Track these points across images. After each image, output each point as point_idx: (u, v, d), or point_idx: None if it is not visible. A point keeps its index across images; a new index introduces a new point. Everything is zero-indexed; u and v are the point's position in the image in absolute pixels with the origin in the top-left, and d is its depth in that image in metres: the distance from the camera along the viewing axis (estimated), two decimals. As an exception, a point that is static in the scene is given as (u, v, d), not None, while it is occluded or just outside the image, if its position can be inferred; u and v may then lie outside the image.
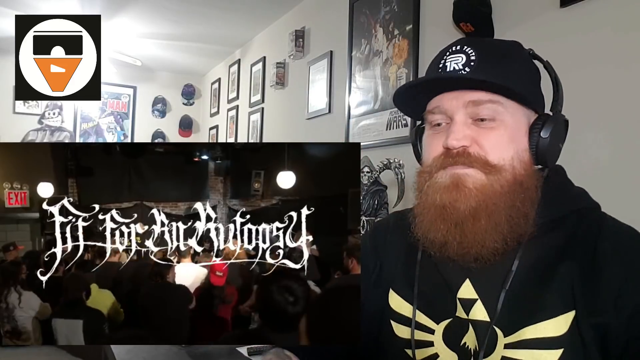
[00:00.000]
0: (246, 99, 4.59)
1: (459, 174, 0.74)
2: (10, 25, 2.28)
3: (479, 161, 0.74)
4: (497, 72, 0.74)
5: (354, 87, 2.86)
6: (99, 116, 5.67)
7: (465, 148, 0.74)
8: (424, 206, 0.78)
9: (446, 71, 0.77)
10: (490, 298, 0.75)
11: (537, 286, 0.72)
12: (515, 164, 0.74)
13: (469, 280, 0.77)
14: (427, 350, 0.80)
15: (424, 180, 0.80)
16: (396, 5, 2.52)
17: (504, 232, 0.73)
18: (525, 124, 0.77)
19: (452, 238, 0.74)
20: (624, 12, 1.47)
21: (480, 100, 0.74)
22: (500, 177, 0.73)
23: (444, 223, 0.75)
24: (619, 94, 1.48)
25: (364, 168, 2.01)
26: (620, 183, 1.45)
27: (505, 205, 0.73)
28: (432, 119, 0.80)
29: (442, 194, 0.75)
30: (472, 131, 0.75)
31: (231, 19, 4.05)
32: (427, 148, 0.82)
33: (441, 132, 0.78)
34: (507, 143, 0.75)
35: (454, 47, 0.78)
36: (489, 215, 0.73)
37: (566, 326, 0.69)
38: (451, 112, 0.76)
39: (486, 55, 0.76)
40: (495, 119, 0.74)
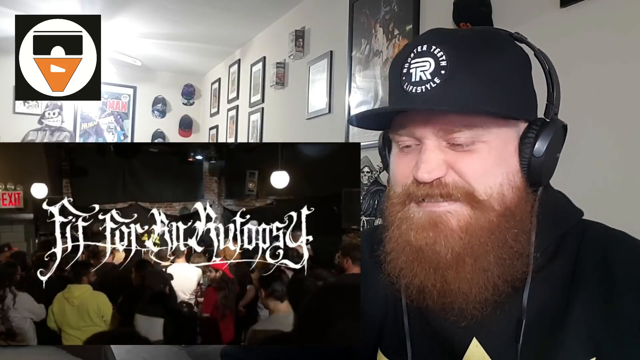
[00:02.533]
0: (246, 99, 4.59)
1: (438, 212, 0.61)
2: (10, 25, 2.28)
3: (459, 191, 0.60)
4: (476, 84, 0.59)
5: (354, 87, 2.86)
6: (99, 116, 5.67)
7: (440, 179, 0.60)
8: (397, 242, 0.64)
9: (411, 81, 0.61)
10: (504, 357, 0.62)
11: (550, 335, 0.60)
12: (505, 192, 0.60)
13: (476, 340, 0.63)
14: None
15: (395, 211, 0.65)
16: (396, 5, 2.52)
17: (493, 278, 0.60)
18: (514, 138, 0.62)
19: (431, 285, 0.61)
20: (623, 11, 1.47)
21: (453, 129, 0.60)
22: (488, 211, 0.60)
23: (421, 266, 0.62)
24: (619, 94, 1.48)
25: (364, 168, 2.01)
26: (621, 181, 1.45)
27: (494, 244, 0.60)
28: (399, 139, 0.65)
29: (417, 232, 0.62)
30: (448, 156, 0.61)
31: (231, 19, 4.05)
32: (395, 170, 0.67)
33: (410, 154, 0.64)
34: (493, 167, 0.60)
35: (420, 47, 0.61)
36: (475, 260, 0.60)
37: None
38: (420, 136, 0.62)
39: (460, 57, 0.59)
40: (474, 142, 0.60)
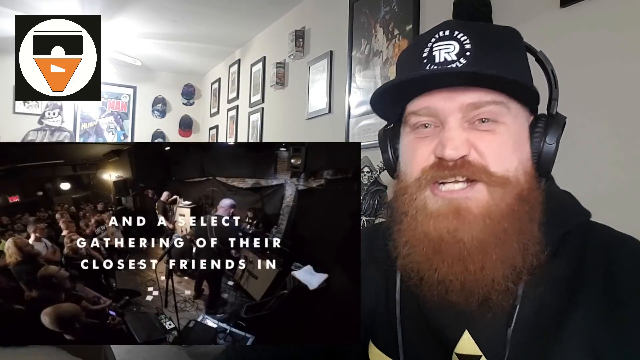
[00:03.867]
0: (246, 99, 4.59)
1: (458, 199, 0.59)
2: (10, 25, 2.28)
3: (481, 172, 0.59)
4: (500, 64, 0.60)
5: (354, 87, 2.86)
6: (99, 116, 5.67)
7: (464, 157, 0.59)
8: (413, 235, 0.62)
9: (434, 62, 0.61)
10: (497, 352, 0.60)
11: (550, 332, 0.58)
12: (520, 177, 0.60)
13: (468, 332, 0.61)
14: None
15: (409, 199, 0.62)
16: (396, 5, 2.52)
17: (517, 265, 0.58)
18: (526, 126, 0.64)
19: (453, 278, 0.59)
20: (623, 11, 1.47)
21: (480, 102, 0.59)
22: (506, 195, 0.59)
23: (442, 259, 0.59)
24: (619, 93, 1.48)
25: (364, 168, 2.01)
26: (622, 179, 1.45)
27: (515, 229, 0.58)
28: (417, 120, 0.63)
29: (437, 221, 0.59)
30: (470, 135, 0.60)
31: (231, 19, 4.05)
32: (410, 156, 0.65)
33: (429, 137, 0.62)
34: (511, 151, 0.61)
35: (442, 32, 0.61)
36: (499, 246, 0.58)
37: None
38: (443, 115, 0.61)
39: (483, 42, 0.60)
40: (497, 120, 0.60)
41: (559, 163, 0.68)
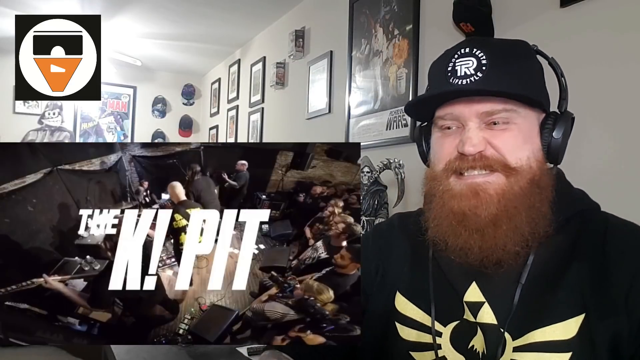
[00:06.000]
0: (246, 99, 4.59)
1: (478, 182, 0.74)
2: (10, 25, 2.28)
3: (497, 163, 0.74)
4: (510, 77, 0.74)
5: (354, 87, 2.86)
6: (99, 116, 5.67)
7: (481, 152, 0.74)
8: (441, 211, 0.77)
9: (457, 75, 0.75)
10: (498, 300, 0.75)
11: (546, 289, 0.72)
12: (532, 164, 0.75)
13: (475, 283, 0.77)
14: (434, 354, 0.79)
15: (437, 184, 0.78)
16: (396, 5, 2.52)
17: (525, 234, 0.72)
18: (536, 123, 0.78)
19: (473, 243, 0.74)
20: (623, 12, 1.47)
21: (493, 111, 0.74)
22: (519, 179, 0.73)
23: (465, 229, 0.74)
24: (619, 94, 1.48)
25: (364, 168, 2.01)
26: (622, 180, 1.45)
27: (525, 206, 0.73)
28: (443, 123, 0.79)
29: (460, 201, 0.75)
30: (486, 134, 0.75)
31: (231, 19, 4.05)
32: (439, 150, 0.80)
33: (452, 136, 0.78)
34: (522, 144, 0.75)
35: (463, 50, 0.76)
36: (510, 219, 0.72)
37: (575, 329, 0.68)
38: (464, 119, 0.76)
39: (497, 58, 0.74)
40: (508, 122, 0.75)
41: (562, 163, 0.74)
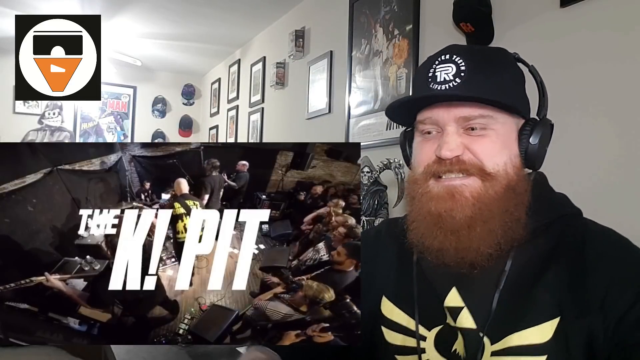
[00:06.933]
0: (246, 99, 4.59)
1: (454, 185, 0.75)
2: (10, 25, 2.28)
3: (474, 167, 0.75)
4: (488, 84, 0.75)
5: (354, 87, 2.86)
6: (99, 116, 5.67)
7: (458, 157, 0.75)
8: (419, 213, 0.79)
9: (436, 81, 0.77)
10: (477, 305, 0.76)
11: (524, 293, 0.73)
12: (509, 170, 0.76)
13: (455, 289, 0.78)
14: (418, 358, 0.80)
15: (417, 187, 0.80)
16: (396, 5, 2.52)
17: (498, 238, 0.74)
18: (514, 130, 0.79)
19: (448, 245, 0.75)
20: (624, 12, 1.47)
21: (470, 116, 0.75)
22: (495, 184, 0.74)
23: (440, 230, 0.76)
24: (619, 94, 1.48)
25: (364, 168, 2.01)
26: (622, 179, 1.45)
27: (499, 211, 0.74)
28: (423, 128, 0.81)
29: (437, 203, 0.76)
30: (464, 139, 0.76)
31: (231, 19, 4.05)
32: (418, 154, 0.82)
33: (432, 140, 0.79)
34: (499, 149, 0.76)
35: (443, 56, 0.78)
36: (484, 222, 0.74)
37: (551, 332, 0.70)
38: (442, 123, 0.77)
39: (476, 65, 0.76)
40: (486, 128, 0.76)
41: (560, 163, 0.71)
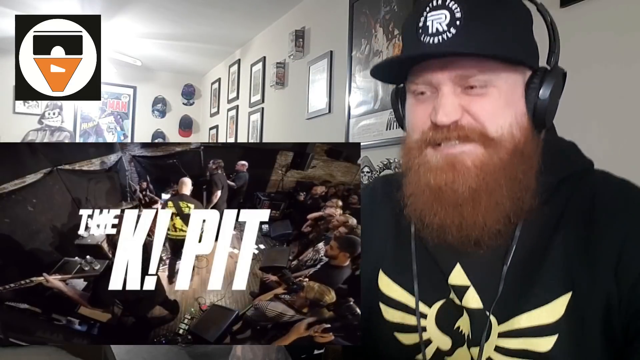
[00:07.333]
0: (246, 99, 4.59)
1: (454, 153, 0.66)
2: (10, 25, 2.28)
3: (475, 133, 0.65)
4: (489, 33, 0.64)
5: (354, 87, 2.86)
6: (99, 116, 5.67)
7: (456, 122, 0.65)
8: (417, 186, 0.69)
9: (428, 33, 0.65)
10: (484, 283, 0.69)
11: (533, 269, 0.66)
12: (515, 132, 0.66)
13: (459, 265, 0.70)
14: (419, 336, 0.74)
15: (412, 156, 0.70)
16: (396, 5, 2.52)
17: (506, 210, 0.65)
18: (520, 83, 0.68)
19: (450, 221, 0.67)
20: (624, 12, 1.47)
21: (469, 74, 0.65)
22: (499, 149, 0.65)
23: (441, 206, 0.67)
24: (620, 94, 1.48)
25: (364, 168, 2.01)
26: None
27: (506, 179, 0.65)
28: (415, 88, 0.69)
29: (436, 174, 0.66)
30: (462, 100, 0.65)
31: (231, 19, 4.05)
32: (412, 119, 0.71)
33: (426, 102, 0.68)
34: (503, 109, 0.65)
35: (435, 2, 0.66)
36: (490, 194, 0.65)
37: (562, 310, 0.63)
38: (437, 83, 0.66)
39: (473, 10, 0.64)
40: (487, 85, 0.65)
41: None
